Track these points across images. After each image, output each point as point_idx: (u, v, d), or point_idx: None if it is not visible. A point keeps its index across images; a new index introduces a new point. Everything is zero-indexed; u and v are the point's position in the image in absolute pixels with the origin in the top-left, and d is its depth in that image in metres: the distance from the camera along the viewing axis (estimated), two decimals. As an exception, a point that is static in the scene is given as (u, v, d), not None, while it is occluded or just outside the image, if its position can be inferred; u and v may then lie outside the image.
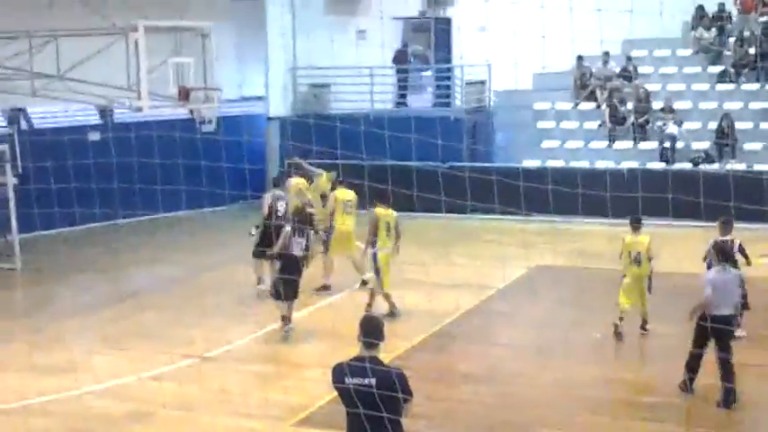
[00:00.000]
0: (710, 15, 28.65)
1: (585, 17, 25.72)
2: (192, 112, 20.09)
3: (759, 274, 15.62)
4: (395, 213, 15.39)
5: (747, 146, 24.64)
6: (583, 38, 26.46)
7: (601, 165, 24.70)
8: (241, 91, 26.77)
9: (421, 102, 28.68)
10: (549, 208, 19.65)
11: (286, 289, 13.90)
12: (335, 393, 7.46)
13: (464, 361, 13.52)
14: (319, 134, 20.35)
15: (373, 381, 7.21)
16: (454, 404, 11.59)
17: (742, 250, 13.77)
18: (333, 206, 17.05)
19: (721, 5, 28.45)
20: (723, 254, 11.86)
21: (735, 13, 28.83)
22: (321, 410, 11.17)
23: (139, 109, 18.02)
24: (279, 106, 27.28)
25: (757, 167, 23.48)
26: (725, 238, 13.65)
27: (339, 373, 7.39)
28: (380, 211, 15.24)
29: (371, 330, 7.44)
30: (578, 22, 26.21)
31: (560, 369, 12.74)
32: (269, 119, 27.23)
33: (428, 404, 10.70)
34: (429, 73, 29.81)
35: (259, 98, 27.48)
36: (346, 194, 17.13)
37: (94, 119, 23.54)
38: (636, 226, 14.40)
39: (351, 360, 7.40)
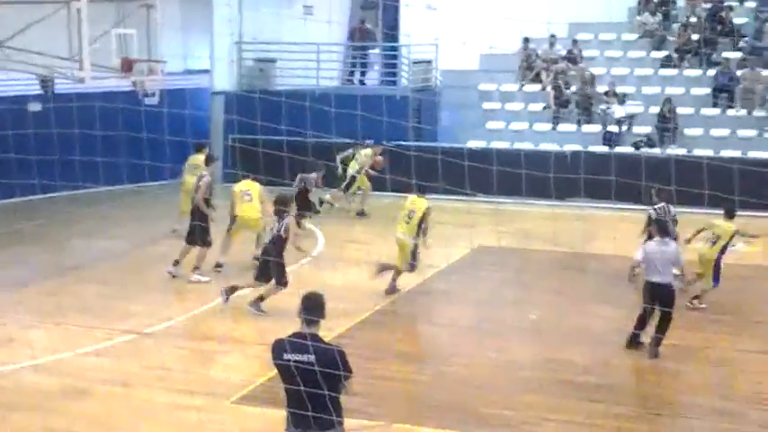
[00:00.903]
0: (656, 1, 28.93)
1: (533, 1, 25.97)
2: (134, 84, 19.84)
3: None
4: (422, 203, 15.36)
5: (688, 131, 24.96)
6: (530, 20, 26.79)
7: (545, 147, 24.89)
8: (185, 64, 26.49)
9: (369, 80, 28.66)
10: (494, 189, 19.76)
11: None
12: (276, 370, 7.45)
13: (404, 340, 13.57)
14: (264, 110, 20.19)
15: (313, 357, 7.21)
16: (393, 383, 11.62)
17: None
18: (233, 197, 16.80)
19: (667, -9, 28.76)
20: (663, 231, 12.89)
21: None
22: (262, 387, 11.14)
23: (81, 80, 17.75)
24: (224, 80, 26.99)
25: (697, 152, 23.79)
26: (660, 206, 15.30)
27: (279, 349, 7.39)
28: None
29: (312, 307, 7.44)
30: (526, 4, 26.48)
31: (499, 349, 12.84)
32: (213, 93, 26.94)
33: (367, 382, 10.70)
34: (376, 51, 29.72)
35: (204, 72, 27.18)
36: (245, 186, 16.81)
37: (35, 89, 23.10)
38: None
39: (291, 336, 7.40)
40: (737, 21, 27.86)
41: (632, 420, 10.57)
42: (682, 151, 24.10)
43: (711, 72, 26.18)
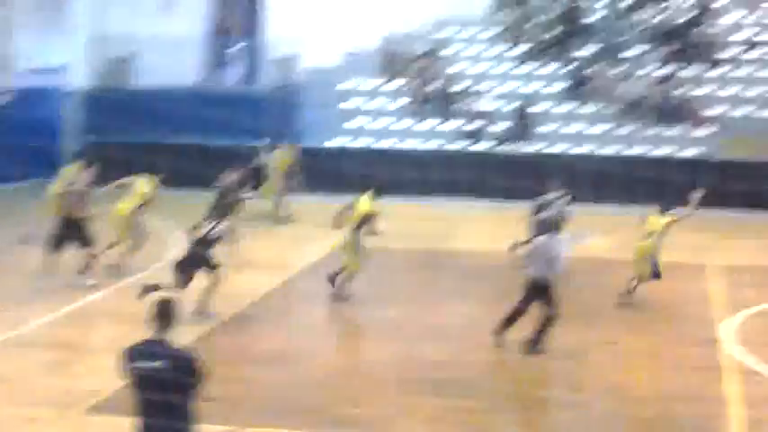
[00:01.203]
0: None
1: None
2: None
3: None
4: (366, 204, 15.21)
5: (544, 127, 25.55)
6: (392, 17, 26.98)
7: (409, 144, 25.13)
8: (39, 61, 25.69)
9: (230, 77, 28.40)
10: (357, 187, 19.86)
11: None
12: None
13: (262, 342, 13.46)
14: (122, 109, 19.81)
15: (163, 364, 7.09)
16: (249, 386, 11.52)
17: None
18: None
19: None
20: (553, 226, 12.90)
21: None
22: (113, 396, 10.85)
23: None
24: (79, 78, 26.29)
25: (554, 149, 24.43)
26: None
27: (128, 356, 7.25)
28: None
29: (162, 313, 7.32)
30: (388, 1, 26.62)
31: (357, 349, 12.90)
32: (67, 92, 26.20)
33: (223, 387, 10.55)
34: (238, 47, 29.49)
35: (58, 70, 26.40)
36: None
37: None
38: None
39: (140, 343, 7.27)
40: (591, 18, 28.62)
41: (481, 414, 10.74)
42: (539, 147, 24.69)
43: (567, 68, 26.85)
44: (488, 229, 16.22)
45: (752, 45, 26.98)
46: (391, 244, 19.14)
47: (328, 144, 25.48)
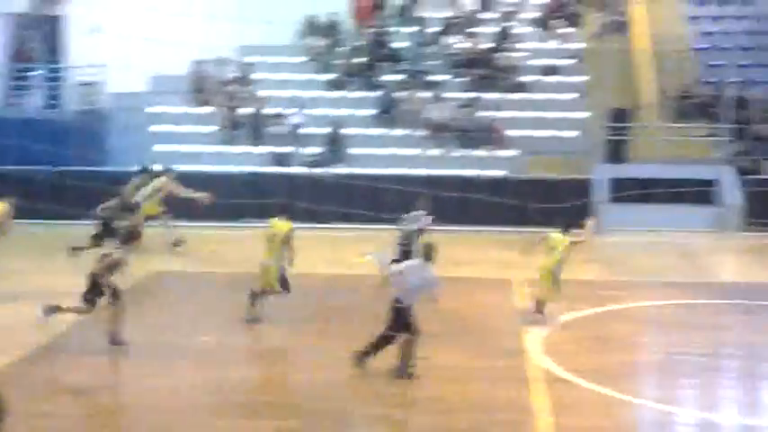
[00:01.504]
0: (322, 25, 29.78)
1: (202, 23, 25.92)
2: None
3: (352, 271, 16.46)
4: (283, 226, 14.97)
5: (355, 150, 25.86)
6: (199, 43, 26.73)
7: (219, 169, 24.92)
8: None
9: (31, 103, 27.41)
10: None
11: None
12: None
13: (72, 373, 12.96)
14: None
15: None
16: (56, 420, 11.07)
17: None
18: None
19: (333, 14, 29.68)
20: (426, 254, 12.54)
21: (348, 22, 30.15)
22: None
23: None
24: None
25: (365, 171, 24.75)
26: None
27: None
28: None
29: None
30: (196, 26, 26.35)
31: (171, 375, 12.60)
32: None
33: (30, 423, 10.18)
34: (39, 73, 28.50)
35: None
36: None
37: None
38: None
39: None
40: (398, 45, 29.27)
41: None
42: (350, 170, 24.96)
43: (375, 94, 27.33)
44: (303, 251, 16.19)
45: (552, 71, 28.21)
46: (211, 267, 18.99)
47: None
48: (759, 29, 29.34)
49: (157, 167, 21.19)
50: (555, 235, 15.27)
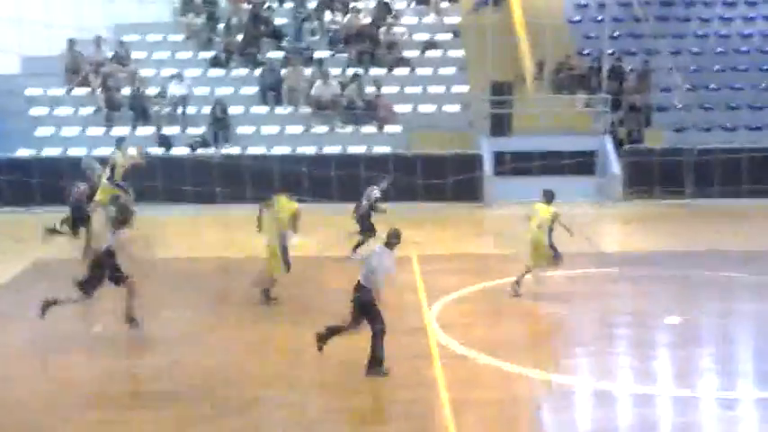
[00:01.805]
0: (199, 2, 29.26)
1: (75, 2, 25.19)
2: None
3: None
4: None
5: (240, 130, 25.59)
6: (74, 22, 25.95)
7: (102, 152, 24.34)
8: None
9: None
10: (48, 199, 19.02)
11: None
12: None
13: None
14: None
15: None
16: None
17: None
18: None
19: (210, -9, 29.22)
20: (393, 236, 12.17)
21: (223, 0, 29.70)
22: None
23: None
24: None
25: (251, 151, 24.52)
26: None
27: None
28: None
29: None
30: (68, 6, 25.56)
31: (62, 366, 12.30)
32: None
33: None
34: None
35: None
36: None
37: None
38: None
39: None
40: (278, 21, 28.98)
41: (198, 422, 10.59)
42: (235, 150, 24.69)
43: (258, 71, 27.03)
44: (194, 235, 16.01)
45: (431, 45, 28.38)
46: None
47: (19, 153, 24.26)
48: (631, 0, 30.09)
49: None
50: (539, 205, 15.65)
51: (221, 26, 28.70)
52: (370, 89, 26.29)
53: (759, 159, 23.09)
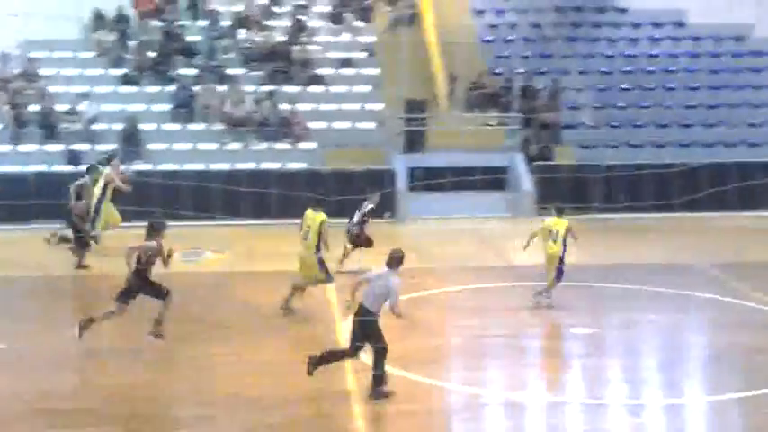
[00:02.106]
0: (111, 19, 28.91)
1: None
2: None
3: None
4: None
5: (152, 146, 25.31)
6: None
7: (6, 169, 23.87)
8: None
9: None
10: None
11: None
12: None
13: None
14: None
15: None
16: None
17: None
18: None
19: (120, 9, 28.86)
20: (396, 261, 11.97)
21: (134, 17, 29.38)
22: None
23: None
24: None
25: (163, 167, 24.26)
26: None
27: None
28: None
29: None
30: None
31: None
32: None
33: None
34: None
35: None
36: None
37: None
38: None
39: None
40: (191, 39, 28.79)
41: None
42: (147, 167, 24.40)
43: (170, 88, 26.81)
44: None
45: (346, 64, 28.50)
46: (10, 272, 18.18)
47: None
48: (541, 20, 30.65)
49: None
50: (553, 220, 15.79)
51: (133, 43, 28.38)
52: (284, 106, 26.28)
53: (663, 175, 23.63)
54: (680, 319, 15.83)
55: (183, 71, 27.57)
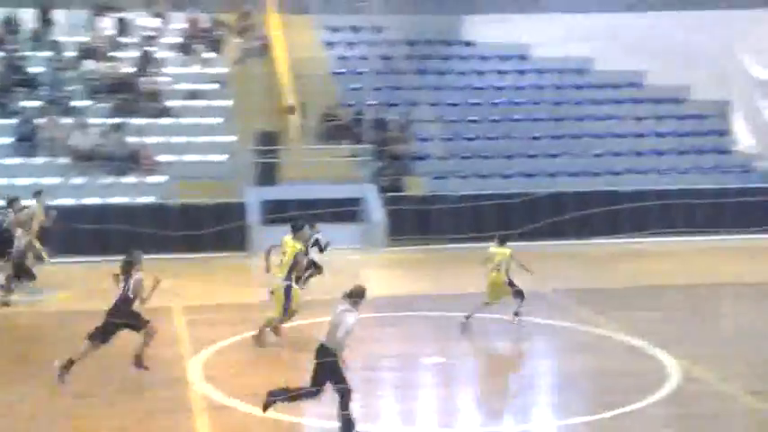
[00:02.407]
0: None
1: None
2: None
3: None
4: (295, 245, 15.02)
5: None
6: None
7: None
8: None
9: None
10: None
11: None
12: None
13: None
14: None
15: None
16: None
17: None
18: None
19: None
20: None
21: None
22: None
23: None
24: None
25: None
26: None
27: None
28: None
29: None
30: None
31: None
32: None
33: None
34: None
35: None
36: None
37: None
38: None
39: None
40: (34, 70, 27.96)
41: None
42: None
43: (12, 121, 25.96)
44: None
45: (195, 95, 28.18)
46: None
47: None
48: (391, 53, 31.05)
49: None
50: (496, 249, 16.36)
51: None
52: (132, 139, 25.76)
53: (506, 205, 24.11)
54: (528, 346, 16.15)
55: (25, 103, 26.74)
